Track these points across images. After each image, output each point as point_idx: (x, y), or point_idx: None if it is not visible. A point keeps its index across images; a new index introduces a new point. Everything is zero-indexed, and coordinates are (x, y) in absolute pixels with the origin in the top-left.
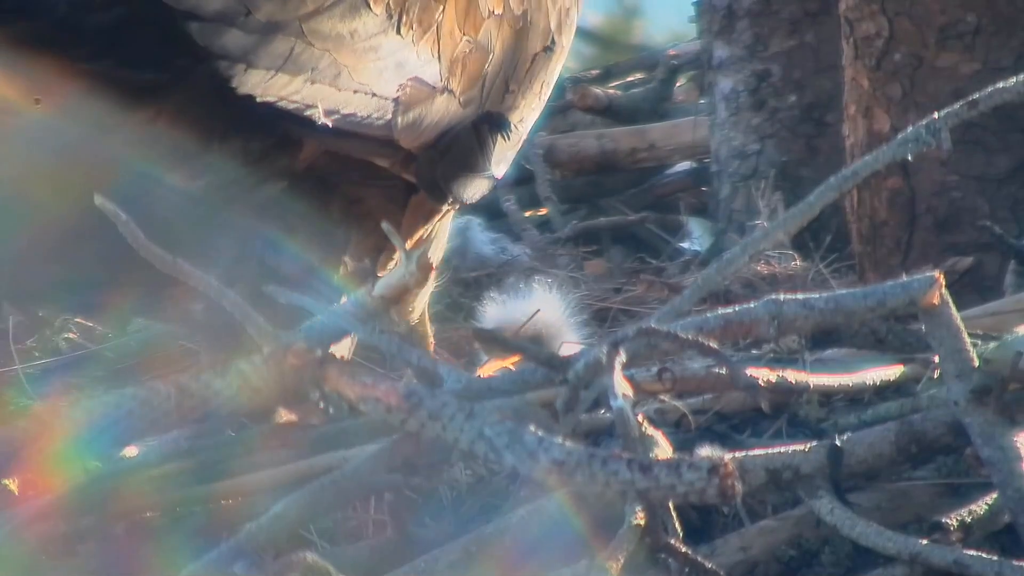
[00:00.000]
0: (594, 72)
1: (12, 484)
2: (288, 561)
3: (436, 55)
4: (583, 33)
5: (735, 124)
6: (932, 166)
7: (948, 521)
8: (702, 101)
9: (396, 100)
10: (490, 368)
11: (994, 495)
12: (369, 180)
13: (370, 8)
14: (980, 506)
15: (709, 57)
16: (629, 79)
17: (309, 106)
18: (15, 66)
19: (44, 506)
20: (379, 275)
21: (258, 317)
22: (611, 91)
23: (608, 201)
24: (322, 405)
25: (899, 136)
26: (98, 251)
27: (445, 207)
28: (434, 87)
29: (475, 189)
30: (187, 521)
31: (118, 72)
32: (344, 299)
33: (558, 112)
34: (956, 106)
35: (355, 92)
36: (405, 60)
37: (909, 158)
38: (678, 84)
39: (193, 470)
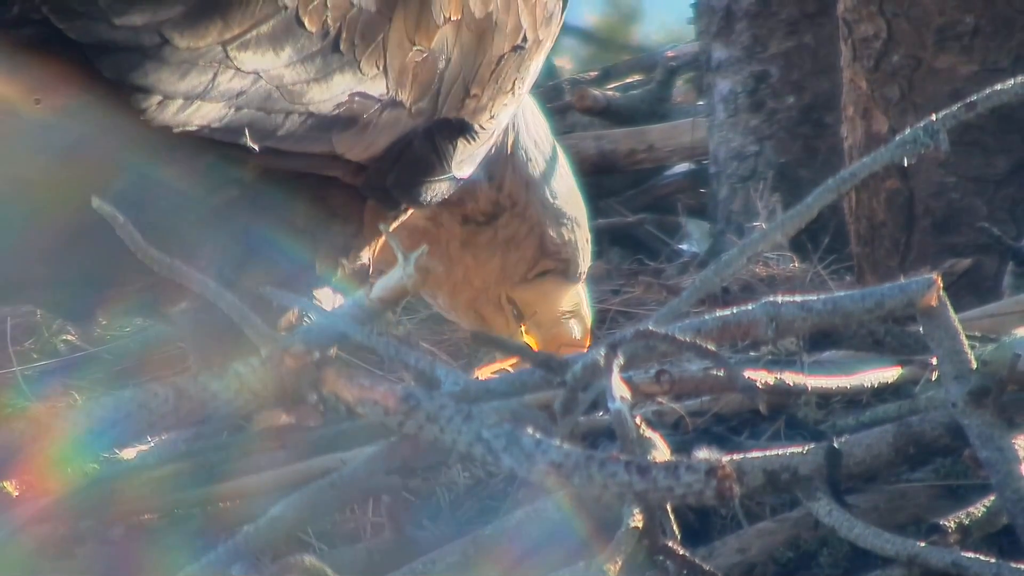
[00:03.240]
0: (592, 73)
1: (10, 486)
2: (286, 563)
3: (382, 68)
4: (581, 34)
5: (733, 125)
6: (930, 167)
7: (946, 523)
8: (700, 102)
9: (336, 117)
10: (488, 370)
11: (992, 497)
12: (327, 183)
13: (304, 27)
14: (978, 508)
15: (707, 58)
16: (628, 80)
17: (235, 132)
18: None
19: (42, 508)
20: (340, 274)
21: (256, 319)
22: (609, 92)
23: (606, 202)
24: (320, 407)
25: (897, 137)
26: (92, 253)
27: (399, 210)
28: (380, 100)
29: (432, 192)
30: (185, 523)
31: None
32: (342, 301)
33: (556, 113)
34: (954, 107)
35: (288, 114)
36: (346, 76)
37: (906, 162)
38: (676, 85)
39: (191, 472)
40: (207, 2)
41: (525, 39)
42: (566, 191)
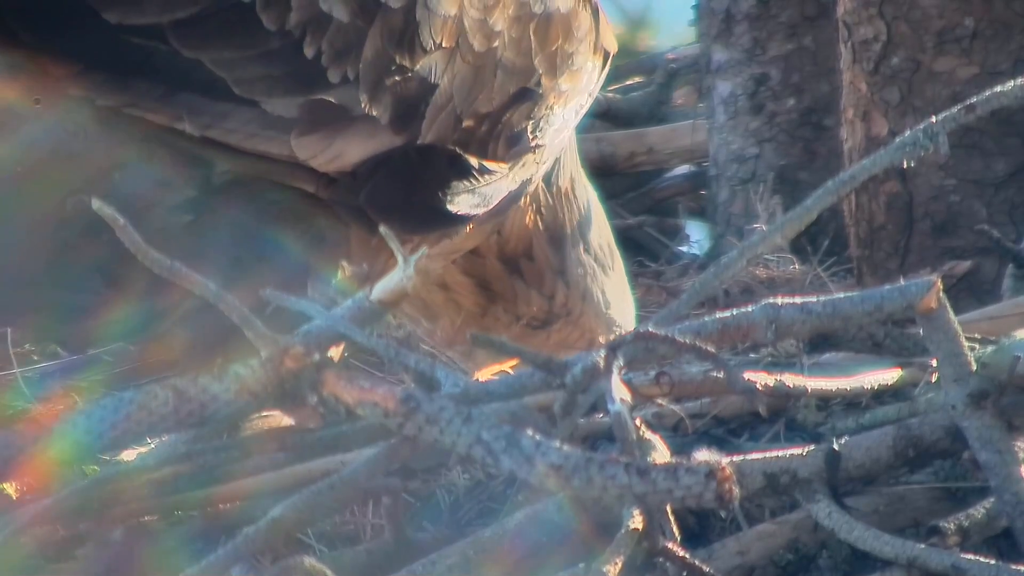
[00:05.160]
0: None
1: (11, 488)
2: (286, 565)
3: (353, 79)
4: None
5: (733, 128)
6: (930, 170)
7: (946, 525)
8: (701, 105)
9: (293, 119)
10: (487, 372)
11: (992, 499)
12: (310, 204)
13: (261, 23)
14: (978, 510)
15: (708, 61)
16: (628, 83)
17: (172, 115)
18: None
19: (42, 510)
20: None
21: (256, 321)
22: (610, 95)
23: (606, 205)
24: (320, 409)
25: (897, 140)
26: (85, 264)
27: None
28: (348, 110)
29: (417, 220)
30: (185, 525)
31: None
32: (342, 302)
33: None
34: (954, 110)
35: (237, 105)
36: (309, 79)
37: (905, 164)
38: (677, 88)
39: (191, 474)
40: None
41: (539, 84)
42: (619, 296)
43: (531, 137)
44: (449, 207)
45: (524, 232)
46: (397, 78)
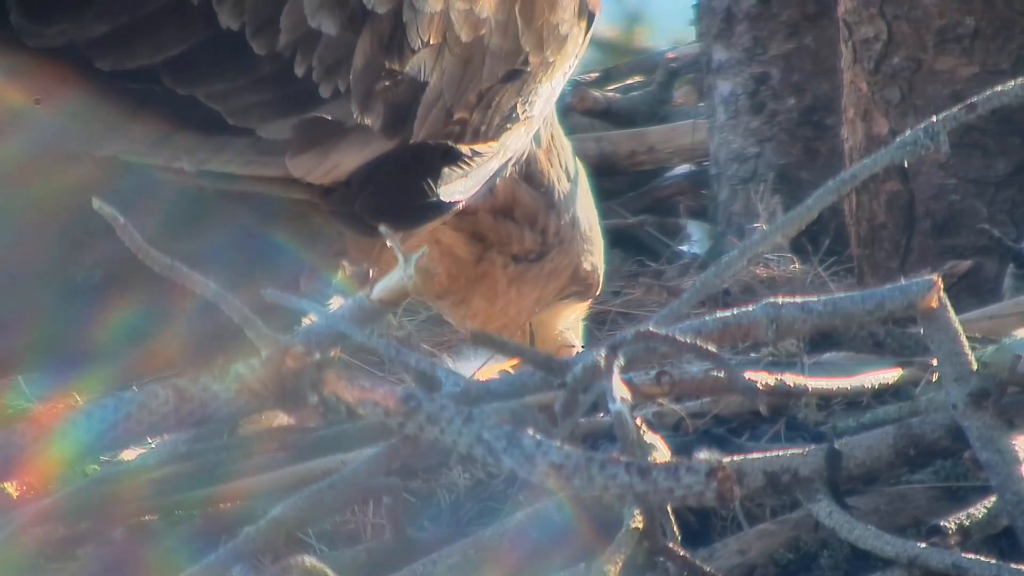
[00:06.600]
0: (593, 75)
1: (11, 487)
2: (286, 564)
3: (344, 91)
4: None
5: (734, 127)
6: (931, 169)
7: (947, 524)
8: (701, 104)
9: (288, 141)
10: (488, 371)
11: (992, 498)
12: (302, 203)
13: (251, 50)
14: (979, 509)
15: (708, 60)
16: (628, 82)
17: (170, 155)
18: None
19: (43, 509)
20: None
21: (256, 320)
22: (610, 94)
23: (607, 204)
24: (320, 408)
25: (898, 139)
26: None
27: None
28: (342, 124)
29: (414, 218)
30: (185, 524)
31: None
32: (342, 302)
33: (556, 115)
34: (954, 109)
35: (233, 136)
36: (301, 97)
37: (906, 163)
38: (677, 87)
39: (191, 473)
40: (135, 24)
41: (527, 62)
42: (592, 217)
43: (520, 112)
44: (443, 197)
45: (511, 185)
46: (387, 83)
